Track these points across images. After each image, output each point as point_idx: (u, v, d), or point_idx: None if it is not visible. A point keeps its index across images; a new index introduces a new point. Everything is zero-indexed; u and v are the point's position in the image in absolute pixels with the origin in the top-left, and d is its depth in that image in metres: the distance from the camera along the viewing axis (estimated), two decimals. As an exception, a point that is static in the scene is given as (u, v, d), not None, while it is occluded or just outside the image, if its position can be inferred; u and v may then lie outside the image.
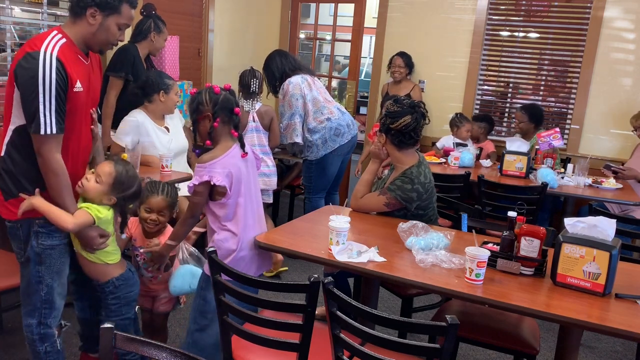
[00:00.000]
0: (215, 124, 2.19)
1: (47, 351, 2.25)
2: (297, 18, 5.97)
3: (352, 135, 3.98)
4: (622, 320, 1.72)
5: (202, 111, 2.21)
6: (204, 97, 2.21)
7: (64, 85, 1.99)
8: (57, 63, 1.97)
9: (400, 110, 2.60)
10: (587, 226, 1.92)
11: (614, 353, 3.20)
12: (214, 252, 1.95)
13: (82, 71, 2.11)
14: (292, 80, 3.84)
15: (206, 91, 2.23)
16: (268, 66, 3.96)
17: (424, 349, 1.60)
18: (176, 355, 1.33)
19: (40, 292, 2.18)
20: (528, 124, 4.46)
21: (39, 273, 2.16)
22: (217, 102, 2.20)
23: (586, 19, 4.67)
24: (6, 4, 3.46)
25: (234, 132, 2.25)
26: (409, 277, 1.97)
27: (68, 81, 2.01)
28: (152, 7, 3.81)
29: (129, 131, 3.34)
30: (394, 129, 2.60)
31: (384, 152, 2.71)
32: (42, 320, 2.21)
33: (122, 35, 2.18)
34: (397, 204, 2.59)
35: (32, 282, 2.17)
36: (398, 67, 4.98)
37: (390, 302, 3.61)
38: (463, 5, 5.07)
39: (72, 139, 2.15)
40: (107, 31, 2.11)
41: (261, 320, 1.90)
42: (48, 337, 2.23)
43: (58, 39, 2.03)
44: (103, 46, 2.16)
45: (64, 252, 2.21)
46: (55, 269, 2.19)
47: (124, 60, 3.59)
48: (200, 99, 2.21)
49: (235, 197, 2.22)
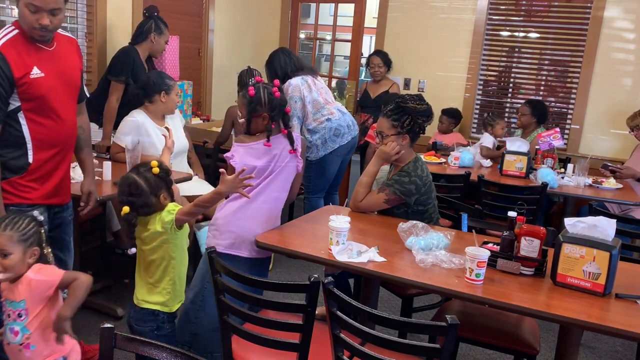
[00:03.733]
0: (273, 125, 2.35)
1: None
2: (297, 18, 5.97)
3: (352, 136, 3.98)
4: (622, 320, 1.72)
5: (258, 111, 2.33)
6: (263, 97, 2.32)
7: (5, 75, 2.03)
8: None
9: (429, 107, 2.61)
10: (587, 226, 1.92)
11: (614, 353, 3.20)
12: (214, 252, 1.95)
13: (42, 57, 2.15)
14: (292, 82, 3.84)
15: (265, 91, 2.34)
16: (271, 63, 3.96)
17: (424, 349, 1.60)
18: (176, 355, 1.33)
19: None
20: (530, 118, 4.46)
21: None
22: (276, 106, 2.35)
23: (586, 19, 4.67)
24: (6, 4, 3.46)
25: (284, 129, 2.42)
26: (409, 277, 1.97)
27: (12, 70, 2.05)
28: (154, 8, 3.81)
29: (129, 131, 3.34)
30: (424, 126, 2.62)
31: (397, 156, 2.63)
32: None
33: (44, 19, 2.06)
34: (397, 199, 2.59)
35: None
36: (377, 67, 5.01)
37: (390, 302, 3.61)
38: (463, 5, 5.07)
39: (46, 125, 2.17)
40: (22, 16, 2.09)
41: (261, 320, 1.90)
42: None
43: (8, 32, 2.10)
44: (32, 33, 2.11)
45: None
46: None
47: (123, 63, 3.59)
48: (258, 100, 2.32)
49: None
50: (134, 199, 2.04)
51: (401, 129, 2.58)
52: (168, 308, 2.16)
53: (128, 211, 2.04)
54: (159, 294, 2.14)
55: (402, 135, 2.59)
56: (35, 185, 2.23)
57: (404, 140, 2.60)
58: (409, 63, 5.26)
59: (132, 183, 2.05)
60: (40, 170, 2.23)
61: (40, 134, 2.18)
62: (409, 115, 2.57)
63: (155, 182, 2.07)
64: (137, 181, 2.05)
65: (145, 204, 2.05)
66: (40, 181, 2.24)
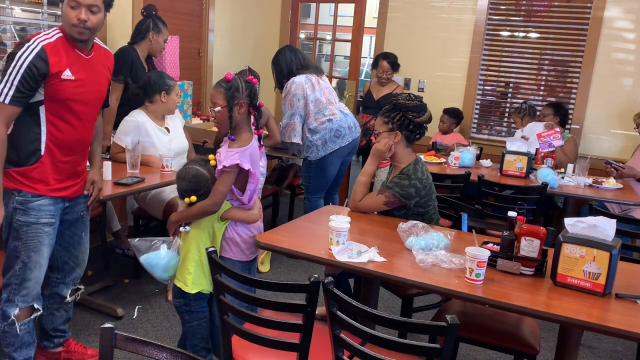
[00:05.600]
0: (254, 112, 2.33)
1: (4, 331, 2.29)
2: (297, 18, 5.97)
3: (353, 137, 3.97)
4: (622, 320, 1.72)
5: (237, 98, 2.28)
6: (240, 84, 2.29)
7: (42, 69, 2.11)
8: (39, 49, 2.12)
9: (421, 104, 2.60)
10: (587, 226, 1.92)
11: (614, 353, 3.20)
12: (214, 252, 1.95)
13: (77, 63, 2.22)
14: (295, 80, 3.83)
15: (241, 78, 2.31)
16: (277, 60, 3.96)
17: (424, 349, 1.60)
18: (177, 356, 1.33)
19: (15, 266, 2.25)
20: (553, 119, 4.43)
21: (17, 248, 2.24)
22: (252, 93, 2.32)
23: (586, 19, 4.67)
24: (6, 4, 3.46)
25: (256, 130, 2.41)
26: (409, 277, 1.97)
27: (49, 67, 2.13)
28: (152, 7, 3.80)
29: (129, 131, 3.34)
30: (417, 123, 2.59)
31: (390, 152, 2.66)
32: (10, 296, 2.27)
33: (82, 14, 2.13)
34: (396, 202, 2.59)
35: (11, 257, 2.26)
36: (386, 72, 4.89)
37: (390, 302, 3.61)
38: (463, 5, 5.07)
39: (62, 128, 2.24)
40: (64, 15, 2.17)
41: (261, 320, 1.90)
42: (7, 316, 2.27)
43: (54, 34, 2.19)
44: (72, 32, 2.18)
45: (40, 232, 2.25)
46: (32, 247, 2.24)
47: (122, 63, 3.58)
48: (236, 86, 2.28)
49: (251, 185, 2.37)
50: (199, 187, 2.30)
51: (392, 125, 2.61)
52: (188, 288, 2.34)
53: (195, 200, 2.30)
54: (182, 272, 2.36)
55: (394, 131, 2.61)
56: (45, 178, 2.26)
57: (396, 137, 2.62)
58: (409, 63, 5.26)
59: (197, 174, 2.32)
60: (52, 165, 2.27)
61: (56, 134, 2.24)
62: (399, 111, 2.61)
63: (214, 173, 2.33)
64: (201, 172, 2.32)
65: (208, 192, 2.30)
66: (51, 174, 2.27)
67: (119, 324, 3.06)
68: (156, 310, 3.28)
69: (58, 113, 2.22)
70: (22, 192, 2.22)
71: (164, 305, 3.33)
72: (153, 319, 3.18)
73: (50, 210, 2.28)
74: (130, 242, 2.44)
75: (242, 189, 2.36)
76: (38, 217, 2.24)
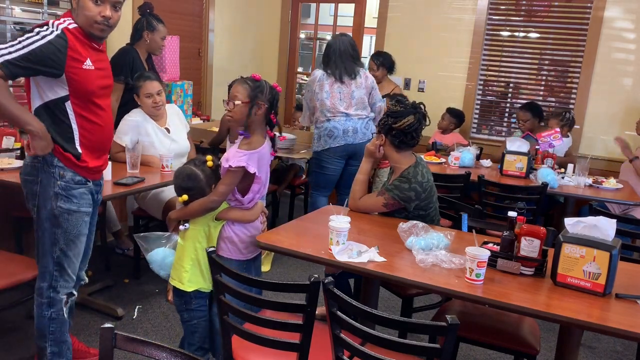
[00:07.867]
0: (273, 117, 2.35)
1: (51, 317, 2.28)
2: (297, 18, 5.97)
3: (347, 142, 3.88)
4: (622, 320, 1.72)
5: (259, 99, 2.30)
6: (266, 87, 2.32)
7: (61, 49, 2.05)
8: (60, 32, 2.08)
9: (404, 110, 2.59)
10: (587, 226, 1.92)
11: (614, 353, 3.20)
12: (214, 252, 1.95)
13: (93, 54, 2.20)
14: (316, 72, 3.94)
15: (267, 82, 2.34)
16: (329, 44, 3.95)
17: (424, 349, 1.60)
18: (176, 355, 1.33)
19: (53, 254, 2.24)
20: (533, 122, 4.46)
21: (55, 235, 2.22)
22: (274, 100, 2.34)
23: (586, 19, 4.67)
24: (6, 4, 3.46)
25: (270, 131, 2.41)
26: (409, 277, 1.97)
27: (68, 51, 2.07)
28: (147, 6, 3.77)
29: (128, 130, 3.34)
30: (397, 129, 2.57)
31: (380, 153, 2.69)
32: (52, 283, 2.25)
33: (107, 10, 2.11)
34: (396, 204, 2.59)
35: (47, 244, 2.23)
36: (372, 70, 4.69)
37: (390, 302, 3.61)
38: (463, 5, 5.07)
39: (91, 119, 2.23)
40: (83, 10, 2.11)
41: (261, 320, 1.90)
42: (55, 303, 2.27)
43: (70, 22, 2.15)
44: (92, 28, 2.15)
45: (80, 221, 2.26)
46: (72, 235, 2.25)
47: (122, 63, 3.58)
48: (262, 87, 2.31)
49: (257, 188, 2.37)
50: (191, 187, 2.30)
51: (379, 127, 2.68)
52: (184, 286, 2.34)
53: (187, 199, 2.30)
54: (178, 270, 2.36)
55: (380, 134, 2.67)
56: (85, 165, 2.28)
57: (380, 139, 2.66)
58: (409, 63, 5.26)
59: (191, 174, 2.31)
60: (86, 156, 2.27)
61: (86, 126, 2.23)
62: (385, 115, 2.66)
63: (210, 174, 2.34)
64: (195, 172, 2.31)
65: (201, 193, 2.31)
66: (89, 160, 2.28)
67: (119, 324, 3.06)
68: (156, 310, 3.28)
69: (85, 107, 2.20)
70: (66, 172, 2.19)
71: (164, 305, 3.33)
72: (153, 319, 3.18)
73: (88, 200, 2.30)
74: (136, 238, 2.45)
75: (244, 191, 2.35)
76: (79, 205, 2.24)
